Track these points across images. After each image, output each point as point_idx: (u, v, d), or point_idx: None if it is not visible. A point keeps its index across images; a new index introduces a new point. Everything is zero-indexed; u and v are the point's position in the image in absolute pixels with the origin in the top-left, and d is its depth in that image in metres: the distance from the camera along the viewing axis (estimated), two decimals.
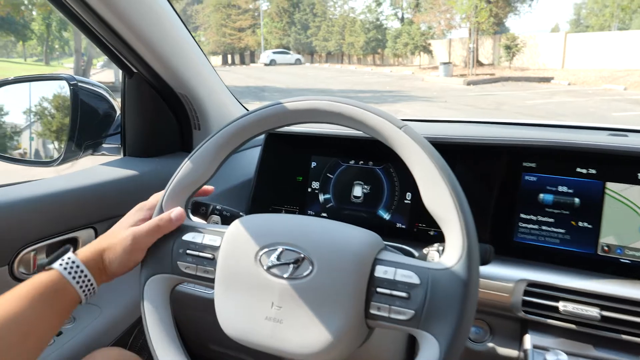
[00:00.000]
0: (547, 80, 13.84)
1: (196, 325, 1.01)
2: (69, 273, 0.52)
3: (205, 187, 0.63)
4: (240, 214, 0.69)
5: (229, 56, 36.95)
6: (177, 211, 0.58)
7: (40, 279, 0.51)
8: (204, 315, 0.96)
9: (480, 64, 18.42)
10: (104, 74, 19.19)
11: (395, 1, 27.39)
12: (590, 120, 7.22)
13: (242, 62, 35.16)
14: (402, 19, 27.00)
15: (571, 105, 9.09)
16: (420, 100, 10.39)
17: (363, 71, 21.64)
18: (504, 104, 9.32)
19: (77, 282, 0.53)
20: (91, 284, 0.54)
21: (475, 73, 15.65)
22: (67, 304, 0.53)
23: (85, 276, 0.53)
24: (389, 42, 23.79)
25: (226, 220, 0.67)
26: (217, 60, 36.37)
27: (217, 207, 0.69)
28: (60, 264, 0.53)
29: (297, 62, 28.65)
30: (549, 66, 16.87)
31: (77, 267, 0.53)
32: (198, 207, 0.69)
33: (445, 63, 16.32)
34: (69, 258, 0.53)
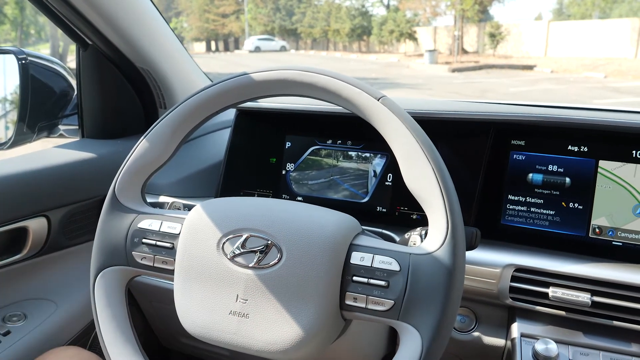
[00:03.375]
0: (530, 67, 14.01)
1: (166, 318, 0.96)
2: None
3: None
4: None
5: (213, 43, 36.31)
6: None
7: None
8: (173, 307, 0.91)
9: (465, 52, 18.53)
10: None
11: None
12: None
13: (226, 49, 34.58)
14: (387, 6, 26.94)
15: (553, 93, 9.23)
16: (407, 87, 10.44)
17: (349, 58, 21.53)
18: (488, 92, 9.40)
19: None
20: None
21: (460, 60, 15.71)
22: None
23: None
24: (374, 29, 23.71)
25: (189, 207, 0.62)
26: (200, 46, 35.77)
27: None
28: None
29: (282, 49, 28.33)
30: (532, 54, 17.07)
31: None
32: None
33: (430, 50, 16.35)
34: None
